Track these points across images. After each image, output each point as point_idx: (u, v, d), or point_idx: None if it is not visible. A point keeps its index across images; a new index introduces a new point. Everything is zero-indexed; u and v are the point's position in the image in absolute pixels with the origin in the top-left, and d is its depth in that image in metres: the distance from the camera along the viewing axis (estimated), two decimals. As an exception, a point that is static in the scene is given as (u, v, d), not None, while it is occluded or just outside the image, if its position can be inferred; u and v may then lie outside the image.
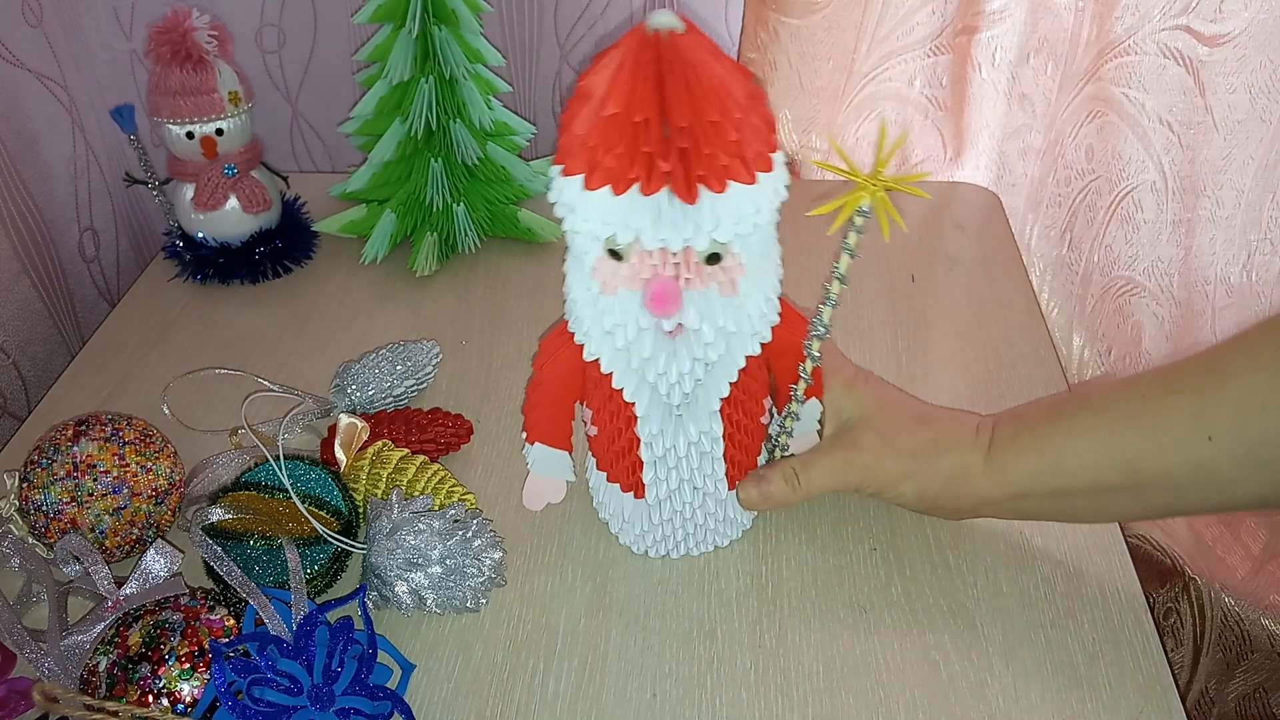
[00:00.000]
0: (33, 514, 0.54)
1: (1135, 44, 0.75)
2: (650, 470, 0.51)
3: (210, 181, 0.76)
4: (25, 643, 0.48)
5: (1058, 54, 0.81)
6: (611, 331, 0.46)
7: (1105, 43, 0.77)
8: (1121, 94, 0.78)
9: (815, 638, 0.53)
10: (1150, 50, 0.75)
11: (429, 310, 0.77)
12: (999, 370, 0.70)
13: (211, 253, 0.78)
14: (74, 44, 0.85)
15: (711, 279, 0.44)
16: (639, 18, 0.88)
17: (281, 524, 0.53)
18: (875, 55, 0.85)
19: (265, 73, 0.94)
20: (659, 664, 0.52)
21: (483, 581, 0.53)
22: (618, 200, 0.42)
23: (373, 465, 0.58)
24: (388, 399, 0.65)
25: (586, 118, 0.41)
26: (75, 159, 0.83)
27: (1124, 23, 0.75)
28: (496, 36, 0.90)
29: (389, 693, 0.47)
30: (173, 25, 0.71)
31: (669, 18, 0.40)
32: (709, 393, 0.49)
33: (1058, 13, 0.79)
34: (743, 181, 0.42)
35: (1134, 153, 0.79)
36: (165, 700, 0.45)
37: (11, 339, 0.76)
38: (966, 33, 0.82)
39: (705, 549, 0.57)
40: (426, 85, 0.73)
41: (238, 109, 0.74)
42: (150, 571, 0.50)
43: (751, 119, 0.41)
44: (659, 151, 0.40)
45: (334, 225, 0.83)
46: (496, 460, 0.64)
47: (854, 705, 0.49)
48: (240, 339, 0.74)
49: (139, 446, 0.55)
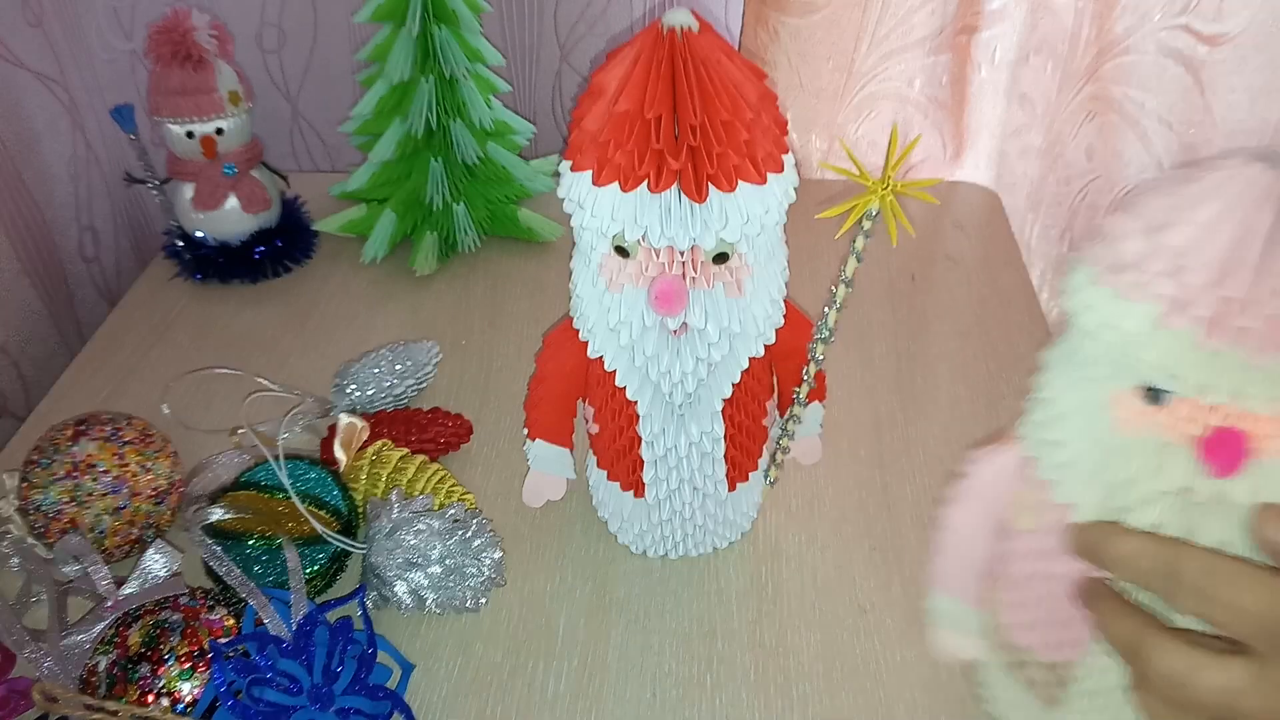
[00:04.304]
0: (33, 514, 0.54)
1: (1135, 44, 0.75)
2: (651, 469, 0.51)
3: (210, 181, 0.76)
4: (25, 643, 0.48)
5: (1058, 53, 0.81)
6: (616, 329, 0.46)
7: (1105, 42, 0.77)
8: (1121, 94, 0.78)
9: (815, 638, 0.53)
10: (1150, 50, 0.75)
11: (429, 310, 0.77)
12: (999, 370, 0.70)
13: (211, 252, 0.78)
14: (74, 44, 0.84)
15: (718, 279, 0.44)
16: (639, 18, 0.88)
17: (281, 524, 0.53)
18: (875, 55, 0.85)
19: (265, 72, 0.94)
20: (659, 664, 0.52)
21: (482, 581, 0.53)
22: (626, 197, 0.42)
23: (372, 465, 0.58)
24: (388, 399, 0.65)
25: (598, 113, 0.41)
26: (75, 159, 0.83)
27: (1124, 22, 0.75)
28: (496, 36, 0.90)
29: (389, 693, 0.47)
30: (173, 25, 0.71)
31: (684, 16, 0.40)
32: (711, 393, 0.48)
33: (1058, 12, 0.79)
34: (753, 182, 0.42)
35: (1134, 152, 0.79)
36: (165, 700, 0.45)
37: (11, 339, 0.76)
38: (966, 32, 0.82)
39: (704, 550, 0.57)
40: (426, 85, 0.73)
41: (237, 108, 0.74)
42: (150, 571, 0.50)
43: (763, 119, 0.42)
44: (670, 149, 0.41)
45: (334, 225, 0.83)
46: (496, 460, 0.64)
47: (854, 705, 0.49)
48: (240, 339, 0.74)
49: (139, 446, 0.55)
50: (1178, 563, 0.33)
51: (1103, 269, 0.35)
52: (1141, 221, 0.35)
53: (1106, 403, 0.36)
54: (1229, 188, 0.33)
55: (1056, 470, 0.39)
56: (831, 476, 0.62)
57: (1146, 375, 0.34)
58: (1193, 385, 0.34)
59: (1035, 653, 0.43)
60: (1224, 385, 0.33)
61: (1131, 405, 0.36)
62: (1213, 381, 0.33)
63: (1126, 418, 0.36)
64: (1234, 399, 0.33)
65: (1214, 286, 0.32)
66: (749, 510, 0.57)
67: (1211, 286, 0.33)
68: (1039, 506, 0.41)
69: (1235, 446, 0.34)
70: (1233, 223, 0.32)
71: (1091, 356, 0.36)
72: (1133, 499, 0.36)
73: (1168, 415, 0.35)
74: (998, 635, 0.46)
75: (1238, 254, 0.32)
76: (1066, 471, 0.38)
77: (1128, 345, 0.34)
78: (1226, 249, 0.32)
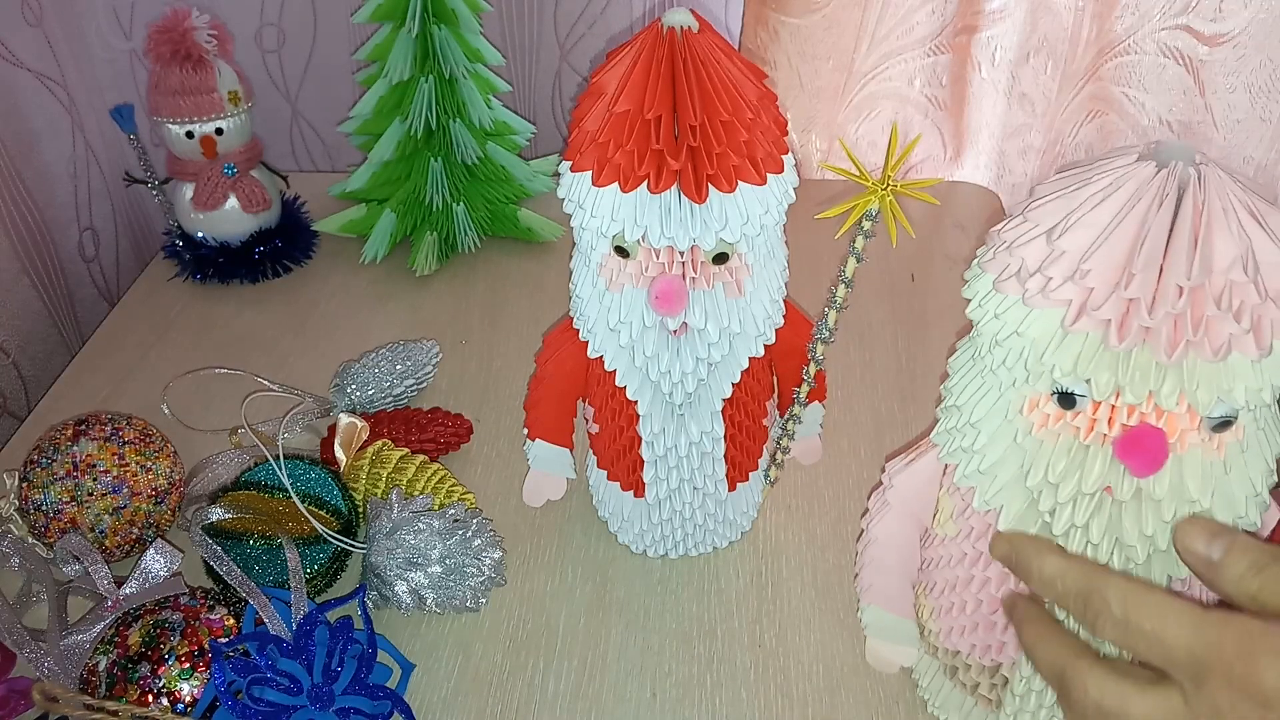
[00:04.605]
0: (33, 514, 0.54)
1: (1135, 43, 0.75)
2: (651, 469, 0.51)
3: (210, 181, 0.76)
4: (25, 642, 0.48)
5: (1058, 53, 0.81)
6: (616, 329, 0.46)
7: (1105, 42, 0.77)
8: (1121, 93, 0.78)
9: (815, 638, 0.53)
10: (1150, 50, 0.75)
11: (429, 310, 0.77)
12: (999, 370, 0.70)
13: (211, 252, 0.78)
14: (74, 44, 0.84)
15: (718, 279, 0.44)
16: (639, 18, 0.88)
17: (281, 524, 0.53)
18: (875, 55, 0.85)
19: (265, 72, 0.94)
20: (659, 664, 0.52)
21: (482, 581, 0.53)
22: (626, 197, 0.42)
23: (372, 465, 0.58)
24: (388, 399, 0.65)
25: (598, 113, 0.41)
26: (75, 159, 0.83)
27: (1124, 22, 0.75)
28: (496, 36, 0.90)
29: (389, 692, 0.47)
30: (172, 25, 0.71)
31: (684, 16, 0.40)
32: (711, 393, 0.48)
33: (1058, 12, 0.79)
34: (752, 182, 0.42)
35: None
36: (165, 700, 0.44)
37: (11, 339, 0.76)
38: (966, 32, 0.82)
39: (704, 549, 0.57)
40: (426, 85, 0.73)
41: (237, 108, 0.74)
42: (150, 571, 0.50)
43: (763, 119, 0.42)
44: (670, 149, 0.41)
45: (334, 225, 0.83)
46: (496, 459, 0.64)
47: (854, 705, 0.49)
48: (240, 339, 0.74)
49: (139, 446, 0.55)
50: (1100, 591, 0.33)
51: (1005, 276, 0.35)
52: (1040, 227, 0.35)
53: (1021, 407, 0.37)
54: (1123, 188, 0.33)
55: (976, 477, 0.39)
56: (831, 476, 0.62)
57: (1058, 380, 0.34)
58: (1105, 387, 0.34)
59: (970, 656, 0.43)
60: (1136, 385, 0.33)
61: (1046, 409, 0.36)
62: (1124, 382, 0.33)
63: (1042, 421, 0.36)
64: (1146, 398, 0.33)
65: (1118, 288, 0.32)
66: (749, 510, 0.57)
67: (1115, 288, 0.33)
68: (960, 512, 0.41)
69: (1155, 446, 0.34)
70: (1131, 223, 0.33)
71: (1001, 363, 0.36)
72: (1056, 501, 0.36)
73: (1083, 417, 0.35)
74: (931, 641, 0.46)
75: (1138, 254, 0.32)
76: (987, 478, 0.38)
77: (1037, 352, 0.35)
78: (1127, 250, 0.32)
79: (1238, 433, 0.35)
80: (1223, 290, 0.32)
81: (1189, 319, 0.32)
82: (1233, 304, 0.32)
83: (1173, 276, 0.32)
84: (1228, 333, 0.32)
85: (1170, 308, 0.32)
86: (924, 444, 0.44)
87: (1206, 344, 0.32)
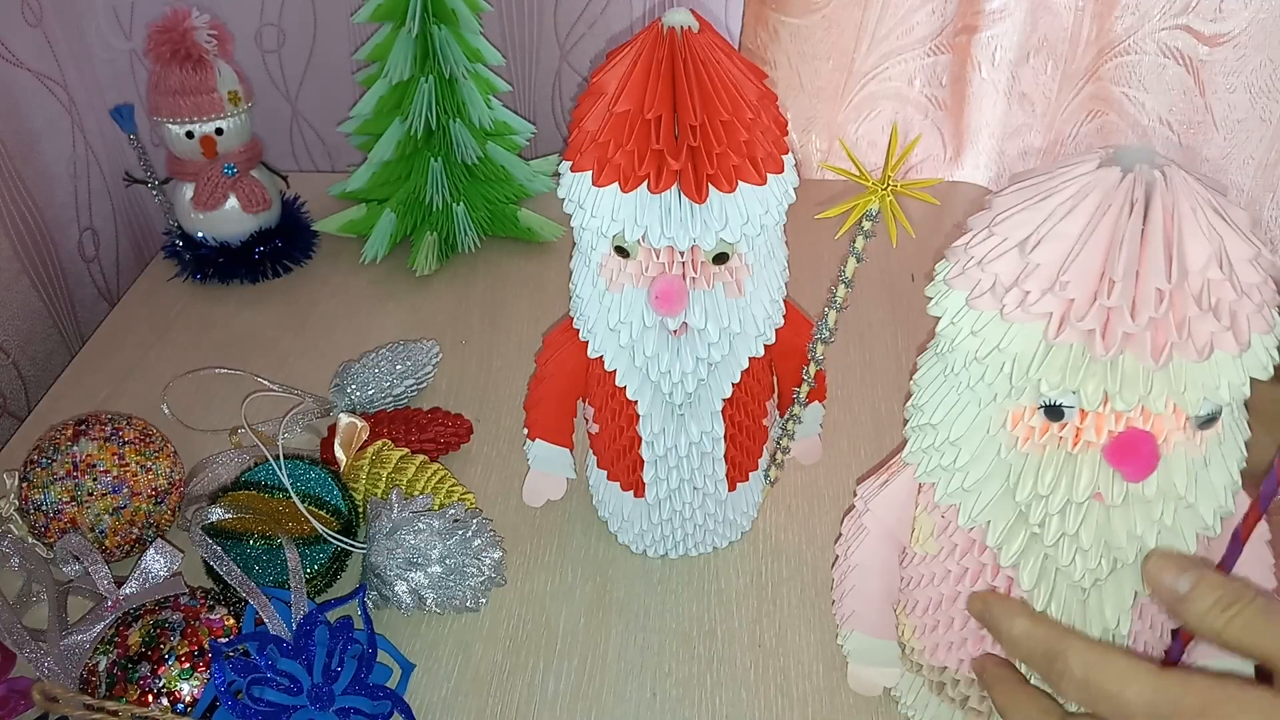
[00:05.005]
0: (33, 514, 0.54)
1: (1135, 43, 0.75)
2: (651, 469, 0.51)
3: (210, 181, 0.76)
4: (25, 642, 0.48)
5: (1058, 53, 0.81)
6: (616, 329, 0.46)
7: (1105, 42, 0.77)
8: (1121, 93, 0.78)
9: (815, 638, 0.53)
10: (1150, 50, 0.75)
11: (429, 310, 0.77)
12: (999, 370, 0.70)
13: (211, 252, 0.78)
14: (74, 44, 0.84)
15: (718, 279, 0.44)
16: (639, 18, 0.88)
17: (281, 524, 0.53)
18: (875, 55, 0.85)
19: (265, 72, 0.94)
20: (659, 663, 0.52)
21: (482, 581, 0.53)
22: (626, 197, 0.42)
23: (372, 465, 0.58)
24: (387, 399, 0.65)
25: (598, 113, 0.41)
26: (75, 159, 0.83)
27: (1124, 22, 0.75)
28: (496, 36, 0.90)
29: (389, 692, 0.47)
30: (172, 25, 0.71)
31: (684, 15, 0.40)
32: (712, 393, 0.48)
33: (1058, 12, 0.79)
34: (752, 182, 0.42)
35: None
36: (165, 700, 0.44)
37: (11, 339, 0.76)
38: (966, 32, 0.82)
39: (704, 549, 0.57)
40: (426, 85, 0.73)
41: (237, 108, 0.74)
42: (150, 571, 0.50)
43: (763, 119, 0.42)
44: (670, 149, 0.41)
45: (334, 225, 0.83)
46: (496, 459, 0.64)
47: (854, 705, 0.49)
48: (240, 339, 0.74)
49: (139, 446, 0.55)
50: (1063, 654, 0.35)
51: (979, 293, 0.35)
52: (1010, 240, 0.34)
53: (1004, 422, 0.36)
54: (1090, 196, 0.33)
55: (960, 495, 0.38)
56: (831, 476, 0.62)
57: (1045, 393, 0.34)
58: (1094, 397, 0.33)
59: (959, 671, 0.43)
60: (1125, 392, 0.33)
61: (1032, 422, 0.35)
62: (1113, 390, 0.33)
63: (1028, 435, 0.36)
64: (1135, 404, 0.33)
65: (1099, 297, 0.32)
66: (749, 510, 0.57)
67: (1094, 297, 0.32)
68: (942, 530, 0.41)
69: (1147, 450, 0.34)
70: (1104, 231, 0.32)
71: (980, 379, 0.36)
72: (1046, 512, 0.36)
73: (1070, 428, 0.35)
74: (914, 659, 0.46)
75: (1116, 261, 0.32)
76: (971, 495, 0.38)
77: (1022, 366, 0.34)
78: (1102, 258, 0.32)
79: (1219, 427, 0.35)
80: (1201, 289, 0.32)
81: (1172, 321, 0.32)
82: (1212, 302, 0.32)
83: (1151, 280, 0.32)
84: (1210, 331, 0.32)
85: (1153, 312, 0.32)
86: (895, 464, 0.44)
87: (1191, 344, 0.32)
